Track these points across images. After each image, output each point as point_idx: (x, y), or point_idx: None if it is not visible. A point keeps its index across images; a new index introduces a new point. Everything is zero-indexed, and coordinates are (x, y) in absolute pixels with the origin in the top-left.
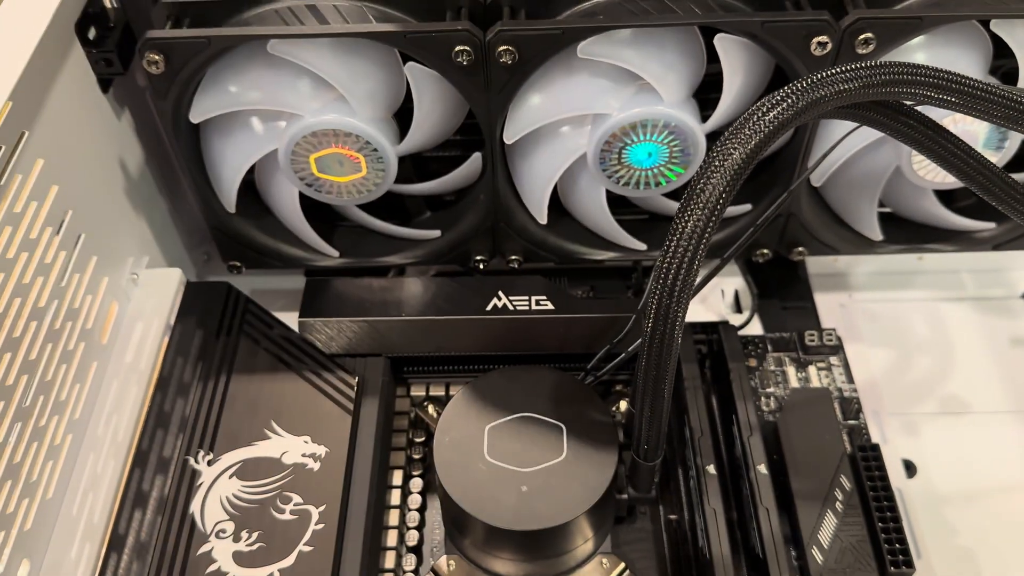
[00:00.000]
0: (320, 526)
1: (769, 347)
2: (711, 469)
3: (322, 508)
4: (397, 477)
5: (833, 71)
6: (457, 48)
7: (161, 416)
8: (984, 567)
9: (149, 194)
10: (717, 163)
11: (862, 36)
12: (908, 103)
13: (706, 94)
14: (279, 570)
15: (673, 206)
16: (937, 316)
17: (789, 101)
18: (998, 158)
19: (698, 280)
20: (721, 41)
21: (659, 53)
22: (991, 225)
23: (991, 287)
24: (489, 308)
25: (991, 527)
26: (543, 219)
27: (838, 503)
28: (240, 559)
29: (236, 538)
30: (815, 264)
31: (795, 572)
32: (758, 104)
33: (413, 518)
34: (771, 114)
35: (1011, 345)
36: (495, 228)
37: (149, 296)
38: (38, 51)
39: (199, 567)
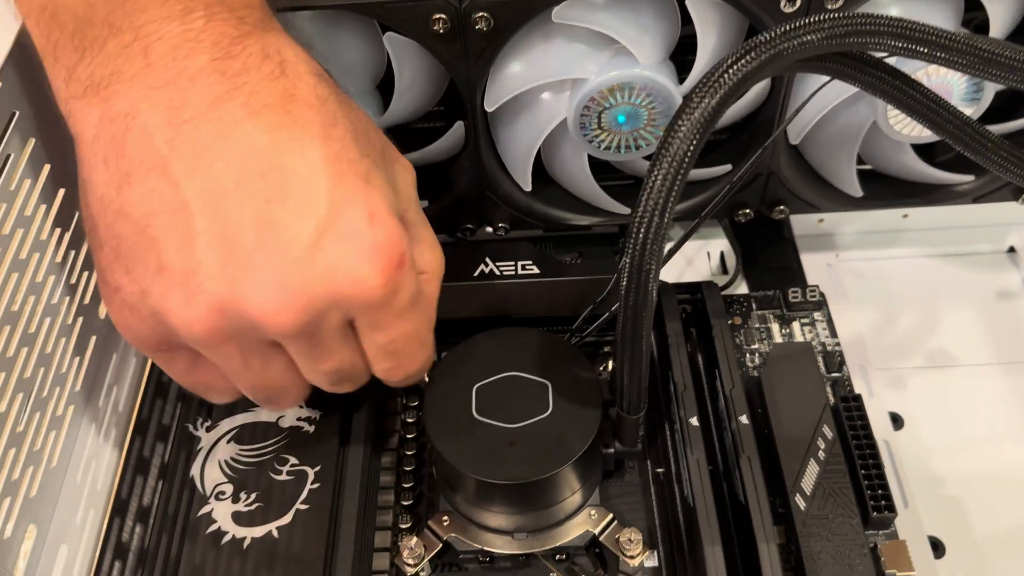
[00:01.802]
0: (316, 485)
1: (753, 305)
2: (694, 421)
3: (317, 468)
4: (392, 440)
5: (796, 24)
6: (433, 16)
7: (160, 386)
8: (971, 514)
9: None
10: (684, 117)
11: None
12: (878, 55)
13: (683, 56)
14: (277, 528)
15: None
16: (924, 272)
17: (753, 54)
18: (973, 110)
19: (677, 239)
20: (693, 2)
21: (634, 16)
22: (970, 178)
23: (977, 242)
24: (476, 274)
25: (977, 476)
26: (527, 186)
27: (821, 452)
28: (239, 519)
29: (235, 499)
30: (801, 225)
31: (778, 519)
32: (723, 58)
33: (408, 478)
34: (735, 67)
35: (997, 299)
36: (481, 196)
37: None
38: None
39: (199, 527)
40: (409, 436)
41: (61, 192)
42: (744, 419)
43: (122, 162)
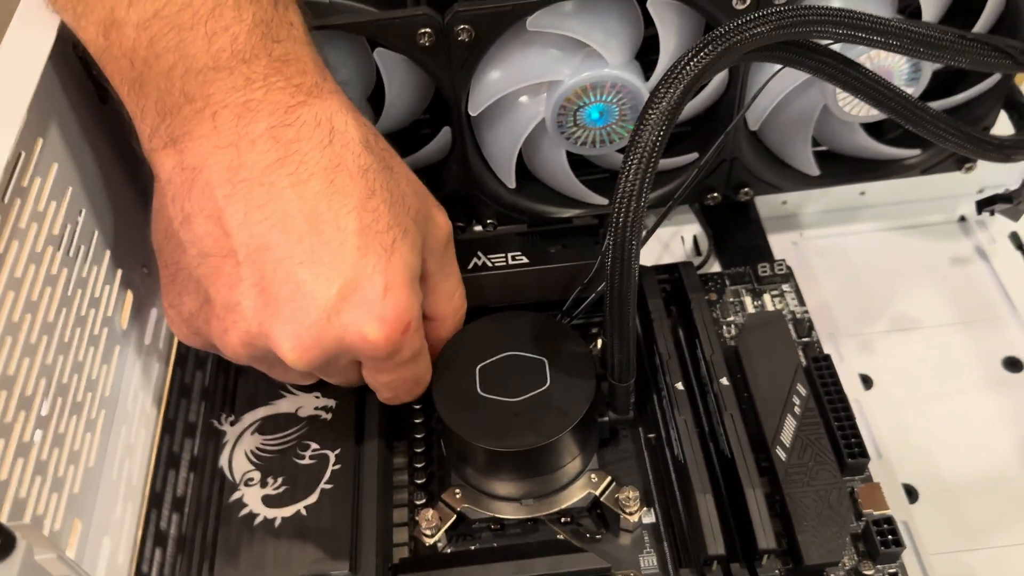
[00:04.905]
0: (337, 466)
1: (727, 282)
2: (679, 386)
3: (337, 451)
4: (403, 425)
5: (745, 19)
6: (420, 31)
7: (183, 388)
8: (940, 460)
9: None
10: (650, 111)
11: None
12: (824, 42)
13: (648, 56)
14: (305, 507)
15: None
16: (883, 245)
17: (708, 49)
18: (913, 89)
19: (652, 221)
20: (653, 5)
21: (601, 21)
22: (917, 152)
23: (929, 214)
24: (470, 267)
25: (942, 426)
26: (512, 184)
27: (796, 408)
28: (269, 501)
29: (263, 484)
30: (766, 207)
31: (762, 472)
32: (682, 55)
33: (419, 459)
34: (693, 62)
35: (951, 264)
36: (469, 195)
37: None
38: (46, 72)
39: (232, 512)
40: (417, 421)
41: (83, 211)
42: (725, 381)
43: (186, 204)
